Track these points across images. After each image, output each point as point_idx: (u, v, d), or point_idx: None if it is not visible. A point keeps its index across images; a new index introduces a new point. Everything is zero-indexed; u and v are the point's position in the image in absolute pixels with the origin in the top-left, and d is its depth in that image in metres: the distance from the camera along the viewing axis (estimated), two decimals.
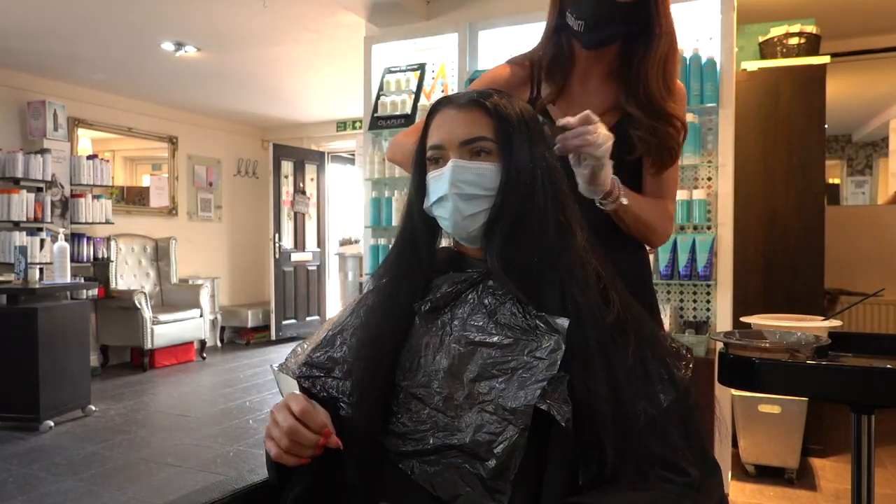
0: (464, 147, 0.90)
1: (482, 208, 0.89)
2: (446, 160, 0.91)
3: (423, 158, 0.95)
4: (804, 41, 3.22)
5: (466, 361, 0.85)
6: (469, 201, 0.89)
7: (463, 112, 0.92)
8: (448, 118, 0.93)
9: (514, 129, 0.91)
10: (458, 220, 0.90)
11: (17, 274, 3.87)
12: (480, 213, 0.90)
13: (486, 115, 0.91)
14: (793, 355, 1.29)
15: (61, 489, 2.88)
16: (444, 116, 0.94)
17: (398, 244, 0.98)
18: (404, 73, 3.24)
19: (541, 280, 0.86)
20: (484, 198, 0.89)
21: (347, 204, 7.96)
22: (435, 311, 0.91)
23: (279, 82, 5.39)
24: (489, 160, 0.90)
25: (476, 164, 0.89)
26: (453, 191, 0.89)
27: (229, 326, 6.74)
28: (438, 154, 0.92)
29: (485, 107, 0.92)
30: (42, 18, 3.83)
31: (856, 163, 7.59)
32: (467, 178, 0.89)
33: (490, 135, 0.90)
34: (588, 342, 0.82)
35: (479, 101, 0.92)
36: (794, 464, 2.84)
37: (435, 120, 0.95)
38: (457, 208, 0.89)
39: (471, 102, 0.92)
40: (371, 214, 3.26)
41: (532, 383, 0.80)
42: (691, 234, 2.59)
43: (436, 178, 0.92)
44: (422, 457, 0.82)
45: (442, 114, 0.94)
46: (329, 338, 0.98)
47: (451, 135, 0.91)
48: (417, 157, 0.97)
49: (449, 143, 0.91)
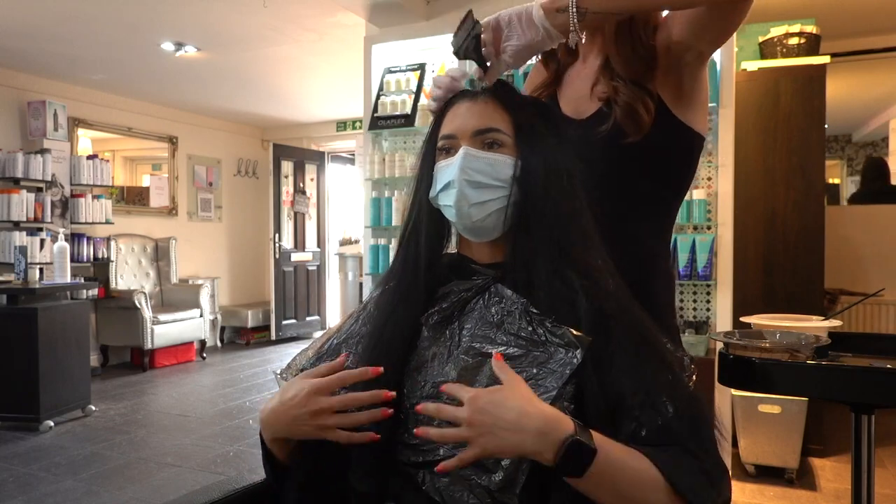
0: (476, 137, 0.88)
1: (490, 198, 0.87)
2: (457, 150, 0.88)
3: (433, 150, 0.93)
4: (804, 41, 3.22)
5: (475, 373, 0.84)
6: (478, 189, 0.87)
7: (478, 103, 0.90)
8: (462, 109, 0.91)
9: (528, 121, 0.90)
10: (463, 207, 0.87)
11: (17, 274, 3.87)
12: (488, 203, 0.87)
13: (502, 108, 0.90)
14: (793, 355, 1.29)
15: (61, 489, 2.88)
16: (458, 108, 0.92)
17: (402, 249, 0.96)
18: (404, 73, 3.24)
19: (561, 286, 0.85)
20: (493, 188, 0.87)
21: (347, 204, 7.96)
22: (442, 321, 0.89)
23: (279, 82, 5.39)
24: (502, 152, 0.88)
25: (488, 154, 0.88)
26: (462, 177, 0.86)
27: (229, 326, 6.74)
28: (450, 144, 0.90)
29: (500, 98, 0.90)
30: (42, 18, 3.83)
31: (856, 163, 7.58)
32: (478, 166, 0.87)
33: (504, 128, 0.89)
34: (601, 352, 0.81)
35: (495, 92, 0.91)
36: (794, 464, 2.84)
37: (449, 112, 0.93)
38: (463, 195, 0.87)
39: (486, 94, 0.91)
40: (371, 214, 3.26)
41: (541, 394, 0.79)
42: (691, 234, 2.59)
43: (444, 167, 0.90)
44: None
45: (456, 106, 0.92)
46: (334, 346, 0.96)
47: (465, 125, 0.89)
48: (427, 148, 0.95)
49: (461, 132, 0.89)
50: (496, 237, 0.91)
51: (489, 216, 0.88)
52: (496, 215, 0.88)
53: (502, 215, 0.89)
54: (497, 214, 0.88)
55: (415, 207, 0.96)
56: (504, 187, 0.87)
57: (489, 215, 0.88)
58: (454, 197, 0.87)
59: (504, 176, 0.87)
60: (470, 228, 0.91)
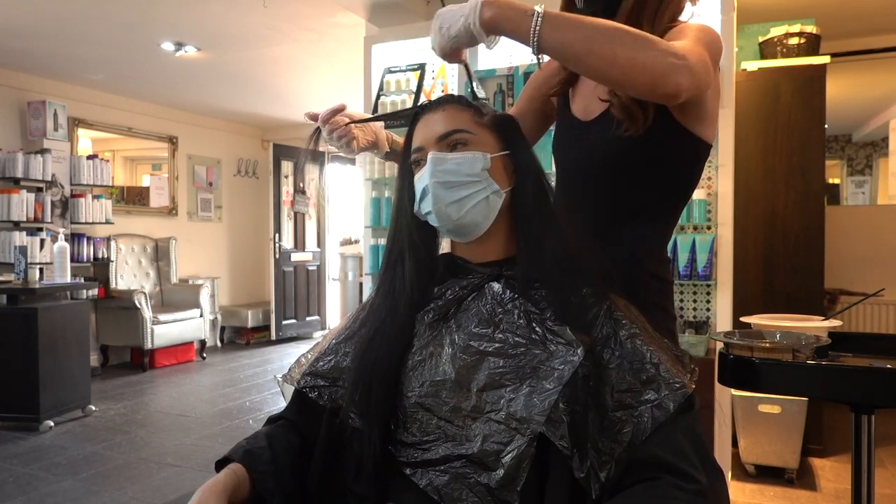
0: (442, 141, 0.91)
1: (466, 193, 0.89)
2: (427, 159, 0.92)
3: (410, 166, 0.96)
4: (804, 41, 3.22)
5: (474, 371, 0.85)
6: (450, 189, 0.89)
7: (438, 112, 0.94)
8: (425, 122, 0.94)
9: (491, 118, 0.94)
10: (440, 208, 0.90)
11: (17, 274, 3.87)
12: (464, 199, 0.89)
13: (461, 109, 0.93)
14: (793, 355, 1.29)
15: (61, 489, 2.88)
16: (422, 122, 0.95)
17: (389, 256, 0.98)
18: (404, 73, 3.23)
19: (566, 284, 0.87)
20: (466, 184, 0.89)
21: (347, 204, 7.96)
22: (438, 320, 0.91)
23: (279, 82, 5.39)
24: (469, 149, 0.91)
25: (454, 155, 0.90)
26: (433, 180, 0.89)
27: (229, 326, 6.74)
28: (420, 156, 0.93)
29: (458, 101, 0.94)
30: (42, 18, 3.83)
31: (856, 163, 7.58)
32: (446, 167, 0.89)
33: (468, 126, 0.91)
34: (596, 350, 0.82)
35: (452, 97, 0.95)
36: (794, 464, 2.84)
37: (416, 128, 0.96)
38: (437, 196, 0.89)
39: (444, 101, 0.95)
40: (371, 214, 3.26)
41: (540, 393, 0.80)
42: (691, 234, 2.59)
43: (419, 178, 0.93)
44: (430, 466, 0.82)
45: (421, 120, 0.96)
46: (332, 347, 0.97)
47: (429, 134, 0.92)
48: (404, 165, 0.97)
49: (427, 141, 0.92)
50: (483, 235, 0.92)
51: (468, 212, 0.90)
52: (476, 210, 0.90)
53: (484, 209, 0.90)
54: (476, 209, 0.90)
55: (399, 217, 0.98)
56: (478, 181, 0.89)
57: (468, 211, 0.89)
58: (431, 201, 0.90)
59: (474, 171, 0.89)
60: (454, 230, 0.92)
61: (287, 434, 0.93)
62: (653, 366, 0.81)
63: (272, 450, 0.88)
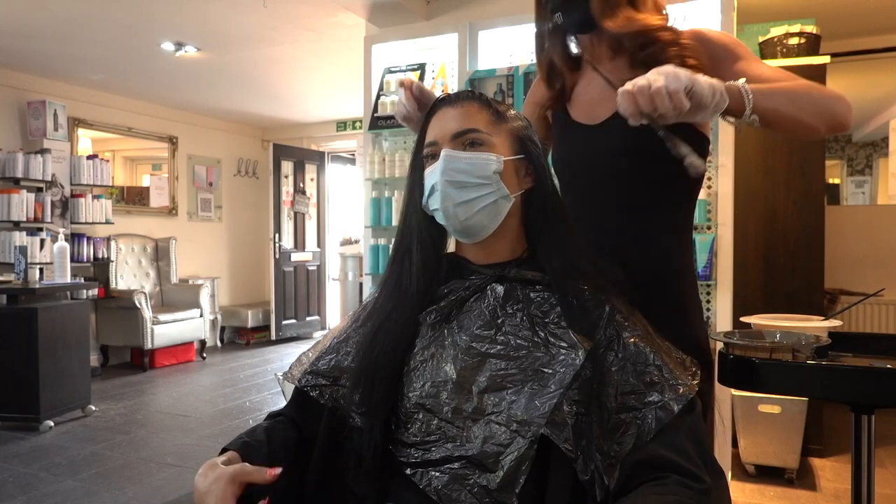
0: (456, 139, 0.90)
1: (475, 195, 0.89)
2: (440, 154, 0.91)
3: (422, 159, 0.95)
4: (804, 41, 3.22)
5: (475, 372, 0.84)
6: (461, 189, 0.89)
7: (456, 107, 0.93)
8: (442, 115, 0.93)
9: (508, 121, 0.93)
10: (448, 207, 0.89)
11: (17, 274, 3.87)
12: (474, 201, 0.89)
13: (480, 108, 0.92)
14: (793, 355, 1.29)
15: (61, 489, 2.88)
16: (439, 115, 0.94)
17: (397, 251, 0.97)
18: (404, 73, 3.23)
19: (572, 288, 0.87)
20: (477, 186, 0.89)
21: (347, 204, 7.96)
22: (440, 321, 0.90)
23: (279, 82, 5.39)
24: (483, 150, 0.90)
25: (468, 154, 0.89)
26: (444, 178, 0.89)
27: (229, 326, 6.74)
28: (433, 150, 0.93)
29: (478, 100, 0.93)
30: (42, 18, 3.83)
31: (856, 163, 7.58)
32: (459, 166, 0.89)
33: (483, 127, 0.91)
34: (599, 353, 0.82)
35: (472, 93, 0.94)
36: (794, 464, 2.84)
37: (431, 121, 0.95)
38: (447, 195, 0.89)
39: (464, 97, 0.93)
40: (371, 214, 3.26)
41: (542, 396, 0.79)
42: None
43: (429, 173, 0.92)
44: (430, 467, 0.82)
45: (438, 113, 0.94)
46: (333, 346, 0.97)
47: (445, 129, 0.92)
48: (416, 157, 0.97)
49: (442, 137, 0.91)
50: (489, 237, 0.92)
51: (476, 214, 0.89)
52: (483, 213, 0.89)
53: (491, 212, 0.90)
54: (484, 212, 0.89)
55: (409, 211, 0.97)
56: (488, 184, 0.89)
57: (476, 213, 0.89)
58: (440, 199, 0.89)
59: (486, 173, 0.89)
60: (460, 230, 0.92)
61: (286, 430, 0.93)
62: (656, 368, 0.81)
63: (270, 444, 0.88)
